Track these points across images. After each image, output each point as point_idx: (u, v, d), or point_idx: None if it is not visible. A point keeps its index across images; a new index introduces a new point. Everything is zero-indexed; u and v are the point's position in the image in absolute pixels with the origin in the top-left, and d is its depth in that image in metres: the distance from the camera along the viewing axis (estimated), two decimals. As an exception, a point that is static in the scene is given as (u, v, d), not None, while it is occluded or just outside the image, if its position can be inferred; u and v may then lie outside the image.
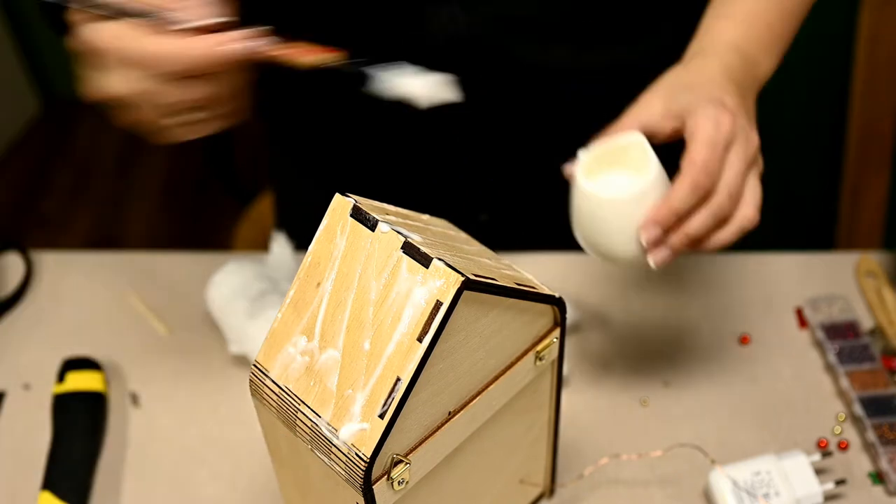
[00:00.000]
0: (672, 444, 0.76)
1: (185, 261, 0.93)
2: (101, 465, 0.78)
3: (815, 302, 0.87)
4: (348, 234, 0.55)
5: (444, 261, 0.51)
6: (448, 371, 0.55)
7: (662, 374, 0.83)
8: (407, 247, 0.53)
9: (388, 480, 0.54)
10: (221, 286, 0.85)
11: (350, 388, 0.53)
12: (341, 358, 0.53)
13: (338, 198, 0.56)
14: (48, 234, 2.16)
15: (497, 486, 0.68)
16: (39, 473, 0.77)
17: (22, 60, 2.36)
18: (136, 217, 2.20)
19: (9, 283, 0.94)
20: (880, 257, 0.91)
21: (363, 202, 0.56)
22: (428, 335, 0.51)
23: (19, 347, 0.88)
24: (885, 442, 0.75)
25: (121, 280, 0.93)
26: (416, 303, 0.51)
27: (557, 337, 0.62)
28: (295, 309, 0.56)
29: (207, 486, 0.77)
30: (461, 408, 0.57)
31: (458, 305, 0.51)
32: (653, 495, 0.74)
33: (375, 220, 0.54)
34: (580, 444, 0.78)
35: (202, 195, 2.23)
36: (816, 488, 0.71)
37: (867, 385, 0.80)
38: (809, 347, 0.85)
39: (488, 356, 0.58)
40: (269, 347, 0.57)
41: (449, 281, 0.51)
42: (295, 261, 0.87)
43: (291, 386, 0.55)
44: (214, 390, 0.83)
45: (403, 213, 0.59)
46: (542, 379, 0.65)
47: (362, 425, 0.52)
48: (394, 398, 0.51)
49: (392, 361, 0.52)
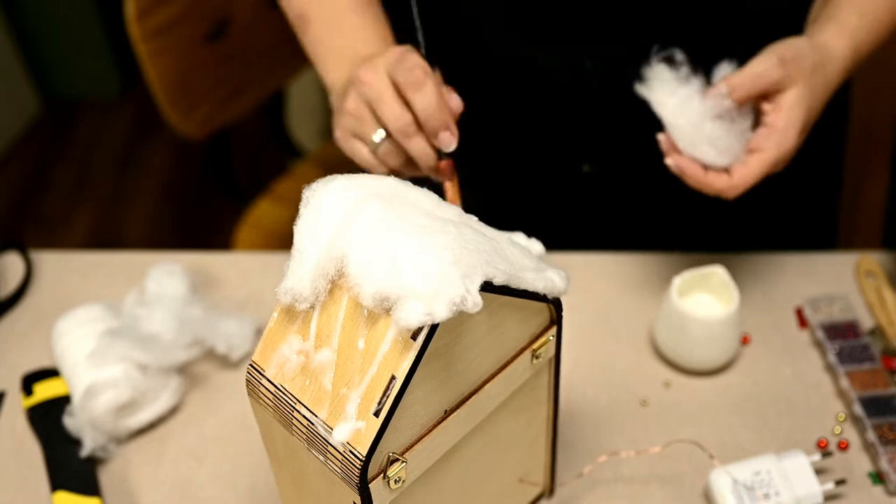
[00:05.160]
0: (672, 442, 0.76)
1: (184, 261, 0.93)
2: (101, 466, 0.78)
3: (815, 302, 0.87)
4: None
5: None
6: (443, 369, 0.55)
7: (662, 374, 0.83)
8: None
9: (385, 479, 0.54)
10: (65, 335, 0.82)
11: (345, 386, 0.53)
12: (336, 357, 0.53)
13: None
14: (48, 234, 2.16)
15: (496, 485, 0.68)
16: (40, 472, 0.77)
17: (22, 60, 2.36)
18: (136, 217, 2.20)
19: (9, 283, 0.94)
20: (880, 257, 0.91)
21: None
22: (422, 333, 0.51)
23: (19, 347, 0.88)
24: (885, 442, 0.75)
25: (121, 280, 0.93)
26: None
27: (554, 335, 0.62)
28: (290, 309, 0.56)
29: (207, 487, 0.77)
30: (457, 406, 0.57)
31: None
32: (653, 495, 0.74)
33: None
34: (580, 442, 0.78)
35: (202, 195, 2.23)
36: (816, 488, 0.71)
37: (867, 385, 0.79)
38: (809, 347, 0.85)
39: (484, 354, 0.58)
40: (265, 347, 0.57)
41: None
42: (177, 290, 0.85)
43: (287, 385, 0.55)
44: (214, 390, 0.83)
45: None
46: (539, 377, 0.65)
47: (358, 424, 0.52)
48: (389, 396, 0.51)
49: (387, 360, 0.51)
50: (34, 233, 2.16)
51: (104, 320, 0.82)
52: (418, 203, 0.55)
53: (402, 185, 0.57)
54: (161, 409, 0.80)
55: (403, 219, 0.52)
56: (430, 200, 0.56)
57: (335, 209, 0.53)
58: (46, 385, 0.82)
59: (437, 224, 0.52)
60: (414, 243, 0.51)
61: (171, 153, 2.34)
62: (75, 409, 0.77)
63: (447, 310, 0.49)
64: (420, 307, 0.49)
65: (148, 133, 2.39)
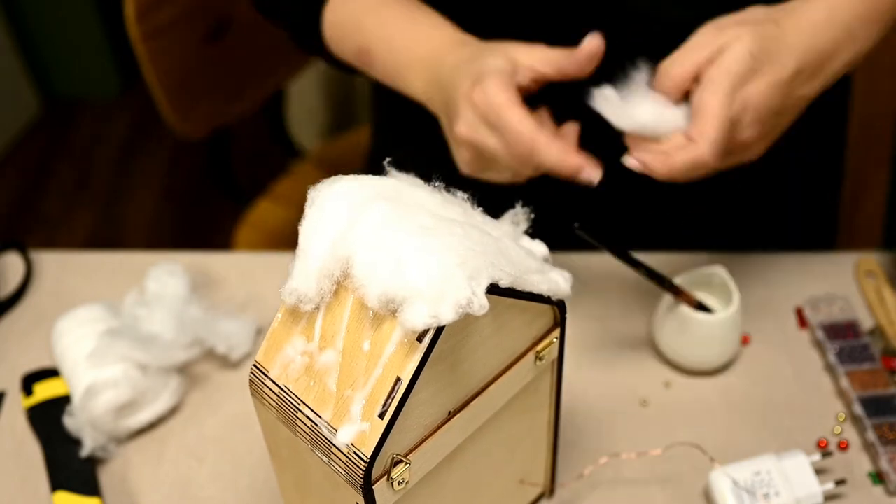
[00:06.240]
0: (672, 444, 0.76)
1: (184, 261, 0.93)
2: (101, 466, 0.78)
3: (815, 302, 0.87)
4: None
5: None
6: (448, 371, 0.55)
7: (662, 374, 0.83)
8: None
9: (388, 480, 0.54)
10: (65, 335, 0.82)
11: (350, 388, 0.53)
12: (341, 358, 0.53)
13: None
14: (48, 234, 2.16)
15: (497, 486, 0.68)
16: (40, 472, 0.77)
17: (22, 60, 2.36)
18: (136, 217, 2.20)
19: (9, 283, 0.94)
20: (880, 257, 0.91)
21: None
22: (428, 335, 0.51)
23: (19, 347, 0.88)
24: (885, 442, 0.75)
25: (121, 280, 0.93)
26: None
27: (557, 337, 0.62)
28: (294, 310, 0.56)
29: (207, 486, 0.77)
30: (461, 408, 0.57)
31: (457, 305, 0.51)
32: (653, 495, 0.74)
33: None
34: (580, 443, 0.78)
35: (202, 195, 2.23)
36: (816, 488, 0.71)
37: (867, 385, 0.79)
38: (809, 347, 0.85)
39: (488, 356, 0.58)
40: (269, 347, 0.57)
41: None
42: (177, 290, 0.85)
43: (291, 386, 0.55)
44: (214, 390, 0.83)
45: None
46: (542, 379, 0.65)
47: (362, 425, 0.52)
48: (394, 398, 0.51)
49: (392, 361, 0.51)
50: (34, 233, 2.16)
51: (104, 320, 0.82)
52: (424, 203, 0.55)
53: (408, 185, 0.57)
54: (161, 409, 0.80)
55: (409, 219, 0.52)
56: (435, 200, 0.56)
57: (340, 209, 0.53)
58: (46, 385, 0.82)
59: (443, 225, 0.52)
60: (419, 244, 0.51)
61: (171, 153, 2.34)
62: (75, 409, 0.77)
63: (453, 312, 0.49)
64: (426, 309, 0.49)
65: (148, 133, 2.39)
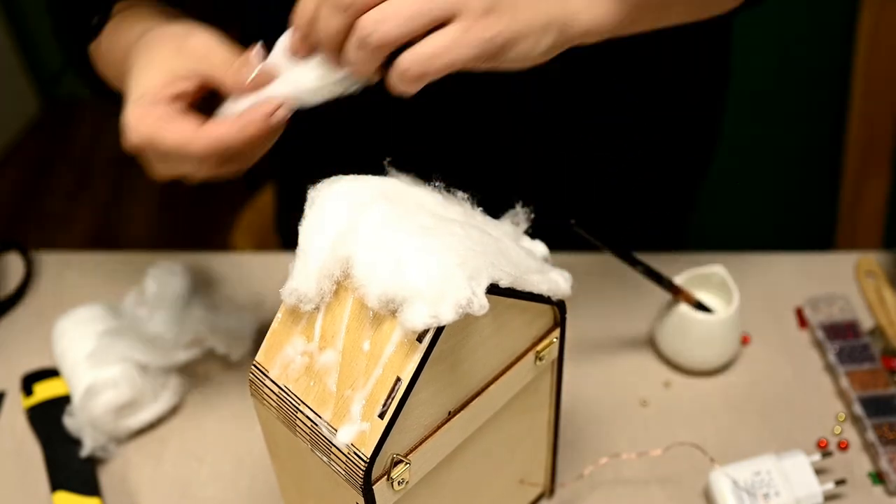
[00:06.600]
0: (672, 444, 0.76)
1: (184, 261, 0.93)
2: (101, 466, 0.78)
3: (815, 302, 0.87)
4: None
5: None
6: (448, 371, 0.55)
7: (662, 374, 0.83)
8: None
9: (388, 480, 0.54)
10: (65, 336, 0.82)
11: (350, 388, 0.53)
12: (341, 358, 0.53)
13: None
14: (48, 234, 2.16)
15: (497, 486, 0.68)
16: (40, 472, 0.77)
17: (22, 60, 2.36)
18: (136, 217, 2.20)
19: (9, 283, 0.94)
20: (880, 257, 0.91)
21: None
22: (428, 335, 0.51)
23: (19, 347, 0.88)
24: (885, 442, 0.75)
25: (121, 280, 0.92)
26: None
27: (557, 337, 0.62)
28: (294, 310, 0.56)
29: (207, 486, 0.77)
30: (461, 408, 0.57)
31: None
32: (653, 495, 0.74)
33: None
34: (580, 443, 0.78)
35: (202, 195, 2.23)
36: (816, 488, 0.71)
37: (867, 385, 0.79)
38: (809, 347, 0.85)
39: (488, 356, 0.58)
40: (269, 348, 0.57)
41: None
42: (176, 291, 0.85)
43: (291, 386, 0.55)
44: (214, 390, 0.83)
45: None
46: (542, 379, 0.65)
47: (362, 425, 0.52)
48: (394, 398, 0.51)
49: (392, 362, 0.51)
50: (34, 233, 2.16)
51: (104, 320, 0.82)
52: (424, 203, 0.55)
53: (408, 185, 0.57)
54: (161, 409, 0.80)
55: (409, 219, 0.52)
56: (435, 200, 0.56)
57: (340, 210, 0.53)
58: (46, 385, 0.82)
59: (443, 225, 0.52)
60: (419, 244, 0.51)
61: (170, 153, 2.34)
62: (75, 409, 0.77)
63: (453, 312, 0.49)
64: (426, 309, 0.49)
65: (147, 133, 2.39)
